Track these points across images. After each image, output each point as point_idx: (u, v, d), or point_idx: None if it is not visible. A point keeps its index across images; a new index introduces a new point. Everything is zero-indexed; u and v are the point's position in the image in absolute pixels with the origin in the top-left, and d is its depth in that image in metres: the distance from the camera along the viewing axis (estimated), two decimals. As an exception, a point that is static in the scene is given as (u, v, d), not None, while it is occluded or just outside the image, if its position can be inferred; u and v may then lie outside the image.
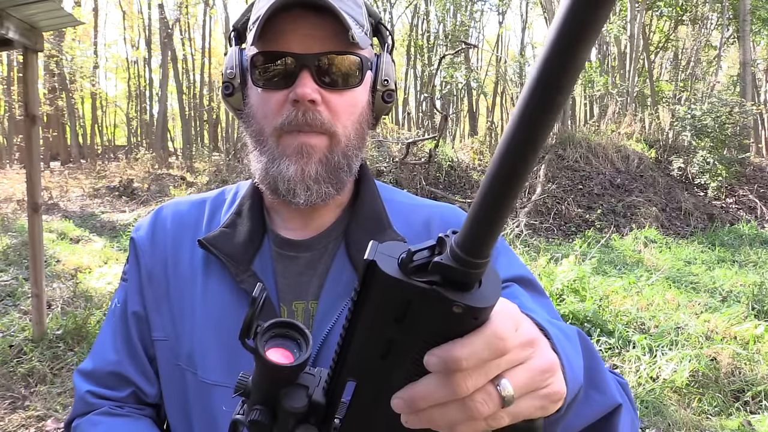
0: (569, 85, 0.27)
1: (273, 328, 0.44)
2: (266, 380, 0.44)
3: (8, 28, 3.82)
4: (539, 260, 6.12)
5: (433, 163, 9.98)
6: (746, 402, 3.60)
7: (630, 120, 12.50)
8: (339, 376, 0.42)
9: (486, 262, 0.34)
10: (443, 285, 0.34)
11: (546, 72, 0.27)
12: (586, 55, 0.26)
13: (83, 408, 0.85)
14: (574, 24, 0.25)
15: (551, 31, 0.26)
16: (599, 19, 0.25)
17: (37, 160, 4.42)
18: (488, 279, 0.36)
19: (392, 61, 0.88)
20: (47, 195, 11.77)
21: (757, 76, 21.18)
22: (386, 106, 0.86)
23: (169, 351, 0.83)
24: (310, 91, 0.75)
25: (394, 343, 0.38)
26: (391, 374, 0.39)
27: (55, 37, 17.87)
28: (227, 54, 0.84)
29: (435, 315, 0.35)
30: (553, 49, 0.26)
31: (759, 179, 11.36)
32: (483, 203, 0.32)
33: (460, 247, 0.34)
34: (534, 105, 0.28)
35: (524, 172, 0.30)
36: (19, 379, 3.74)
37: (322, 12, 0.75)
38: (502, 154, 0.30)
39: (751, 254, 7.60)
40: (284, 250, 0.84)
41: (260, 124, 0.80)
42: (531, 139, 0.29)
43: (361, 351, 0.39)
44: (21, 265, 6.46)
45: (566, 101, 0.28)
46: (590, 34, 0.25)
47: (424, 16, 23.01)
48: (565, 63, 0.26)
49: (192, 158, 17.50)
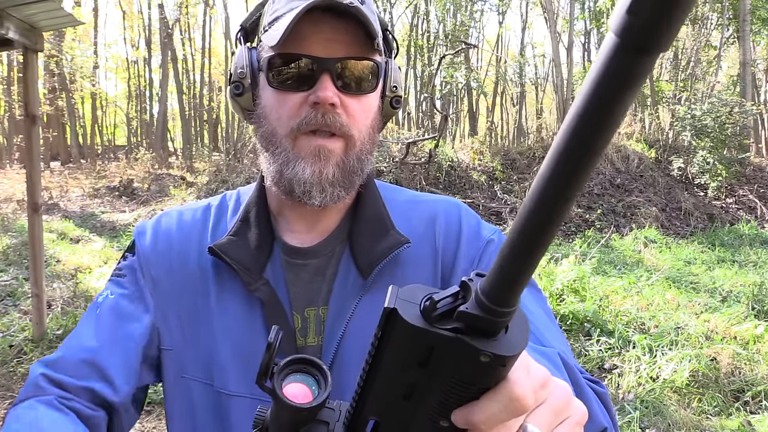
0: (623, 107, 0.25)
1: (290, 365, 0.43)
2: (286, 420, 0.43)
3: (8, 28, 3.82)
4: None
5: (433, 163, 9.98)
6: (746, 402, 3.61)
7: (630, 120, 12.51)
8: (360, 413, 0.41)
9: (514, 310, 0.33)
10: (468, 333, 0.33)
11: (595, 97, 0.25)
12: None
13: (31, 392, 0.76)
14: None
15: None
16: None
17: (37, 160, 4.42)
18: (515, 323, 0.35)
19: (398, 68, 0.89)
20: (47, 195, 11.77)
21: (757, 76, 21.18)
22: (394, 111, 0.88)
23: (174, 362, 0.82)
24: (331, 94, 0.75)
25: (417, 385, 0.37)
26: (415, 415, 0.38)
27: (55, 37, 17.87)
28: (236, 53, 0.84)
29: (460, 362, 0.34)
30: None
31: (759, 179, 11.36)
32: (513, 253, 0.30)
33: (487, 295, 0.32)
34: (578, 144, 0.26)
35: (559, 219, 0.29)
36: (19, 379, 3.74)
37: (343, 17, 0.76)
38: (537, 199, 0.28)
39: (751, 254, 7.60)
40: (293, 258, 0.84)
41: (273, 125, 0.80)
42: (569, 184, 0.27)
43: (384, 392, 0.39)
44: (21, 265, 6.46)
45: (613, 133, 0.26)
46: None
47: (424, 16, 23.01)
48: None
49: (192, 158, 17.49)
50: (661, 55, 0.24)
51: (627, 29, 0.22)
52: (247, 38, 0.88)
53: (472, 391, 0.36)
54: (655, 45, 0.22)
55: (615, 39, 0.23)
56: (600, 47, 0.25)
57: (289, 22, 0.72)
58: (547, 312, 0.80)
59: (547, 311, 0.80)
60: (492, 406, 0.35)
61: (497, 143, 13.53)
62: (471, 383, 0.35)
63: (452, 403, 0.36)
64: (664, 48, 0.23)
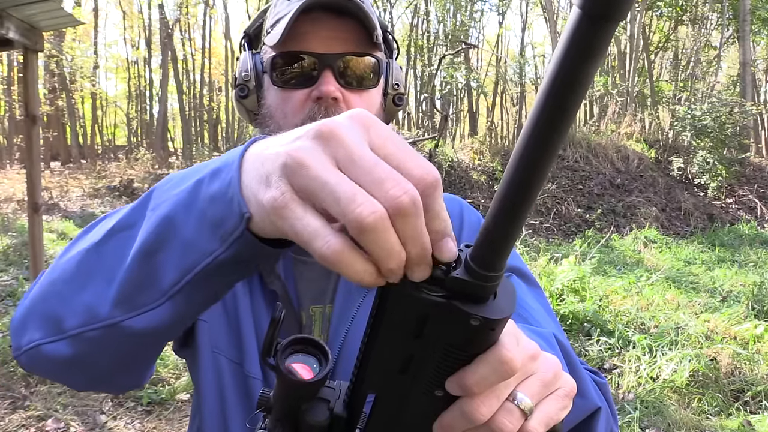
0: (584, 83, 0.28)
1: (293, 344, 0.44)
2: (288, 396, 0.44)
3: (8, 28, 3.82)
4: (539, 260, 6.12)
5: (433, 163, 9.95)
6: (746, 402, 3.61)
7: (630, 120, 12.51)
8: (359, 389, 0.43)
9: (501, 275, 0.35)
10: (459, 299, 0.35)
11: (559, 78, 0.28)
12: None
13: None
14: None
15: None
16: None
17: (38, 160, 4.42)
18: (503, 290, 0.36)
19: (400, 68, 0.92)
20: (47, 195, 11.77)
21: (757, 76, 21.17)
22: (396, 109, 0.90)
23: (207, 335, 0.82)
24: (333, 88, 0.77)
25: (413, 357, 0.38)
26: (412, 387, 0.40)
27: (55, 37, 17.88)
28: (240, 59, 0.86)
29: (453, 328, 0.36)
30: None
31: (759, 179, 11.36)
32: (496, 217, 0.33)
33: (475, 261, 0.34)
34: (549, 109, 0.29)
35: (538, 183, 0.31)
36: (19, 379, 3.74)
37: (343, 14, 0.78)
38: (515, 165, 0.31)
39: (751, 254, 7.60)
40: (300, 255, 0.85)
41: (278, 123, 0.82)
42: (545, 148, 0.30)
43: (381, 366, 0.40)
44: (21, 265, 6.46)
45: (582, 98, 0.29)
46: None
47: (424, 16, 23.00)
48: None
49: (192, 158, 17.49)
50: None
51: (587, 1, 0.26)
52: (251, 45, 0.90)
53: (465, 358, 0.37)
54: (614, 12, 0.26)
55: (578, 11, 0.26)
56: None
57: (288, 20, 0.75)
58: (546, 308, 0.81)
59: (546, 307, 0.81)
60: (482, 368, 0.36)
61: (497, 143, 13.53)
62: (463, 349, 0.37)
63: (446, 372, 0.38)
64: (623, 15, 0.26)
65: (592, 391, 0.63)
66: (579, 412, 0.59)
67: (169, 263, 0.46)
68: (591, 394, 0.62)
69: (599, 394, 0.65)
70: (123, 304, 0.49)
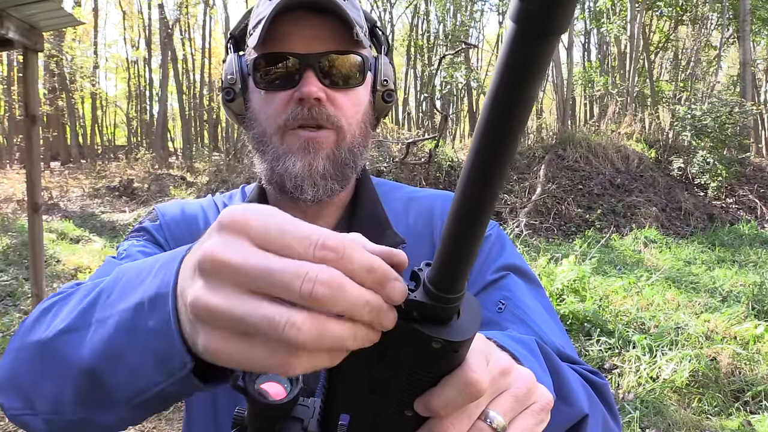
0: (524, 110, 0.27)
1: None
2: (259, 417, 0.44)
3: (8, 28, 3.82)
4: (539, 260, 6.12)
5: (433, 163, 9.97)
6: (746, 402, 3.61)
7: (630, 120, 12.50)
8: (330, 410, 0.42)
9: (461, 296, 0.34)
10: (420, 321, 0.34)
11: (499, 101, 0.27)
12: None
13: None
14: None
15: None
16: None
17: (37, 160, 4.42)
18: (467, 309, 0.36)
19: (390, 63, 0.89)
20: (47, 195, 11.77)
21: (757, 76, 21.17)
22: (386, 106, 0.88)
23: None
24: (316, 89, 0.76)
25: (379, 380, 0.38)
26: (382, 406, 0.39)
27: (55, 37, 17.87)
28: (226, 60, 0.85)
29: (415, 351, 0.35)
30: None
31: (759, 179, 11.35)
32: (450, 239, 0.32)
33: (433, 283, 0.33)
34: (490, 133, 0.28)
35: (488, 205, 0.30)
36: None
37: (324, 13, 0.76)
38: (463, 187, 0.30)
39: (751, 254, 7.60)
40: None
41: (263, 126, 0.81)
42: (488, 172, 0.29)
43: (349, 388, 0.39)
44: (21, 265, 6.46)
45: (526, 116, 0.27)
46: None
47: (424, 16, 23.00)
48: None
49: (192, 158, 17.49)
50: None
51: (522, 16, 0.24)
52: (237, 46, 0.89)
53: (431, 379, 0.36)
54: (551, 28, 0.24)
55: (513, 25, 0.25)
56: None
57: (265, 20, 0.73)
58: (546, 306, 0.79)
59: (546, 306, 0.79)
60: (448, 391, 0.36)
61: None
62: (427, 371, 0.36)
63: (414, 393, 0.37)
64: (561, 30, 0.24)
65: (581, 397, 0.60)
66: (565, 421, 0.57)
67: (120, 385, 0.45)
68: (578, 401, 0.59)
69: (591, 399, 0.63)
70: (83, 405, 0.48)
